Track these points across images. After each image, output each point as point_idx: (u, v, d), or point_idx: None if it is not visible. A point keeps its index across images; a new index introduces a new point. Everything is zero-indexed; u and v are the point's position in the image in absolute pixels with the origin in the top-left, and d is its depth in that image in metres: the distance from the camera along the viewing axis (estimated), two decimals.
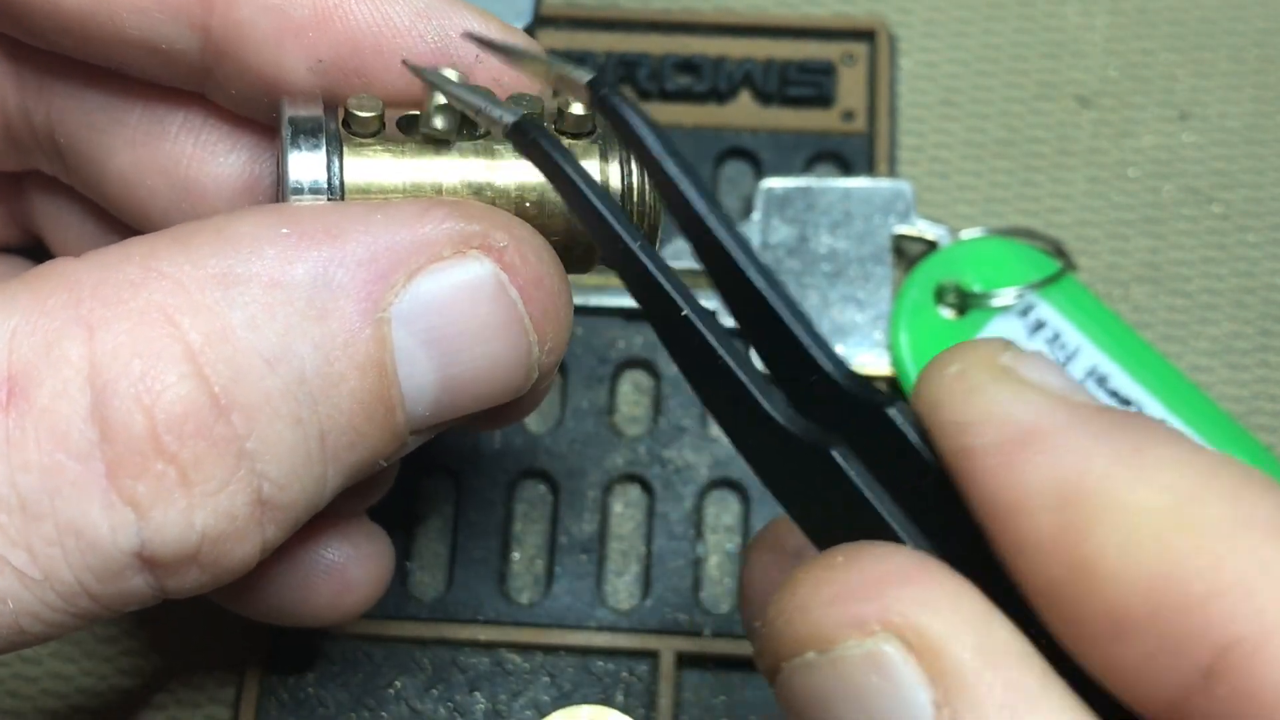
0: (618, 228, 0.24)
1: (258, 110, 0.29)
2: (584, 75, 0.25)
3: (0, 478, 0.23)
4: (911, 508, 0.22)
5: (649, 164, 0.24)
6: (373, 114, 0.27)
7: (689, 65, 0.44)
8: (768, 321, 0.23)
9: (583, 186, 0.24)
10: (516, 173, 0.28)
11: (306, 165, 0.27)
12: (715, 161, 0.43)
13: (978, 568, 0.21)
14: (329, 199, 0.27)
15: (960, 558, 0.21)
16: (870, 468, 0.22)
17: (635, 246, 0.23)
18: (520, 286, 0.26)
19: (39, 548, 0.24)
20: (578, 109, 0.28)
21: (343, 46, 0.27)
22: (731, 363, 0.23)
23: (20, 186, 0.34)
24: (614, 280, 0.41)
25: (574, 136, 0.28)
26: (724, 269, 0.23)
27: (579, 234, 0.28)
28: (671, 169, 0.24)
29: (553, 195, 0.27)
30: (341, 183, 0.27)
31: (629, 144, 0.24)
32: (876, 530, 0.22)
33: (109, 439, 0.24)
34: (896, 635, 0.20)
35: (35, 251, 0.35)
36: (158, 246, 0.25)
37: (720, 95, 0.44)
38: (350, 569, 0.33)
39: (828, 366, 0.23)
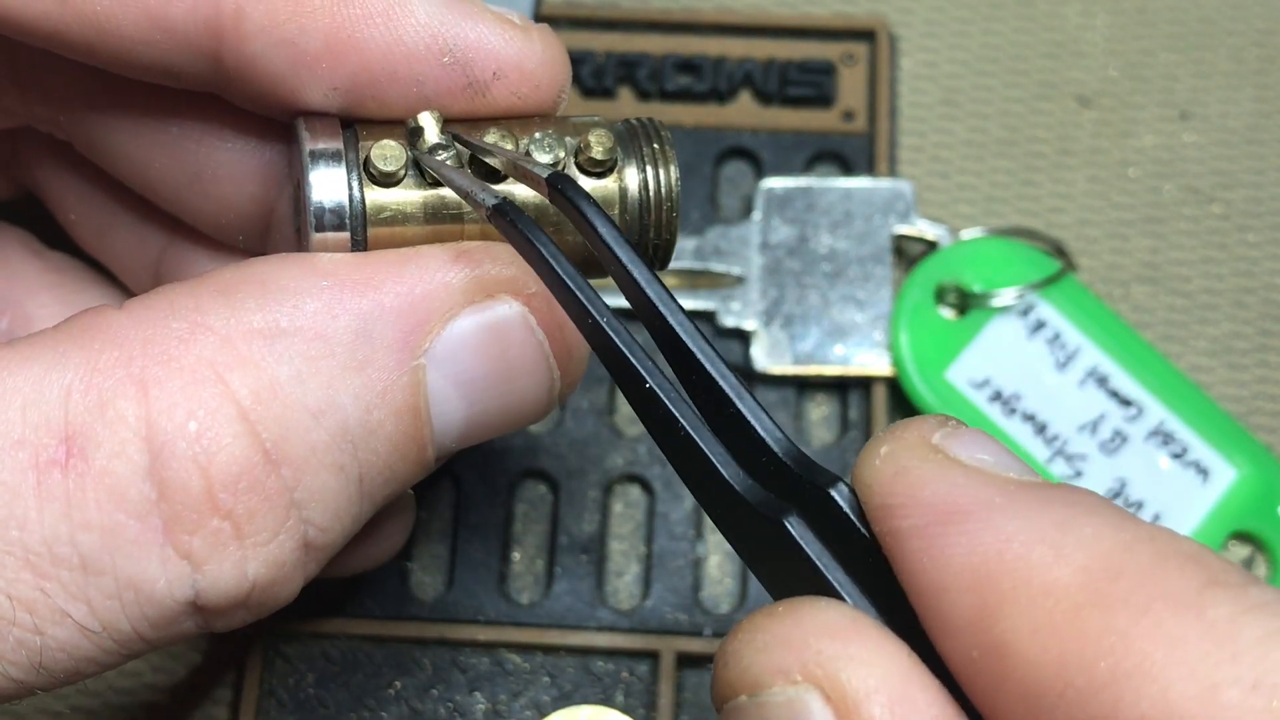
0: (589, 305, 0.24)
1: (270, 113, 0.29)
2: (544, 170, 0.26)
3: (61, 537, 0.24)
4: (860, 576, 0.23)
5: (602, 253, 0.25)
6: (396, 168, 0.27)
7: (689, 65, 0.44)
8: (721, 402, 0.24)
9: (556, 266, 0.25)
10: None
11: (329, 195, 0.27)
12: (715, 161, 0.43)
13: (919, 637, 0.22)
14: (350, 227, 0.27)
15: (904, 626, 0.22)
16: (821, 537, 0.23)
17: (604, 322, 0.24)
18: (547, 328, 0.28)
19: (98, 601, 0.25)
20: (598, 151, 0.28)
21: (358, 75, 0.27)
22: (693, 434, 0.24)
23: (13, 141, 0.34)
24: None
25: (594, 175, 0.28)
26: (678, 353, 0.24)
27: None
28: (625, 257, 0.25)
29: None
30: (364, 215, 0.27)
31: (583, 233, 0.25)
32: (825, 592, 0.23)
33: (166, 498, 0.25)
34: (816, 686, 0.21)
35: (25, 205, 0.35)
36: (202, 299, 0.26)
37: (721, 95, 0.44)
38: (380, 520, 0.33)
39: (777, 449, 0.24)
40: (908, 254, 0.42)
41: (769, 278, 0.41)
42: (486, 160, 0.28)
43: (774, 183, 0.42)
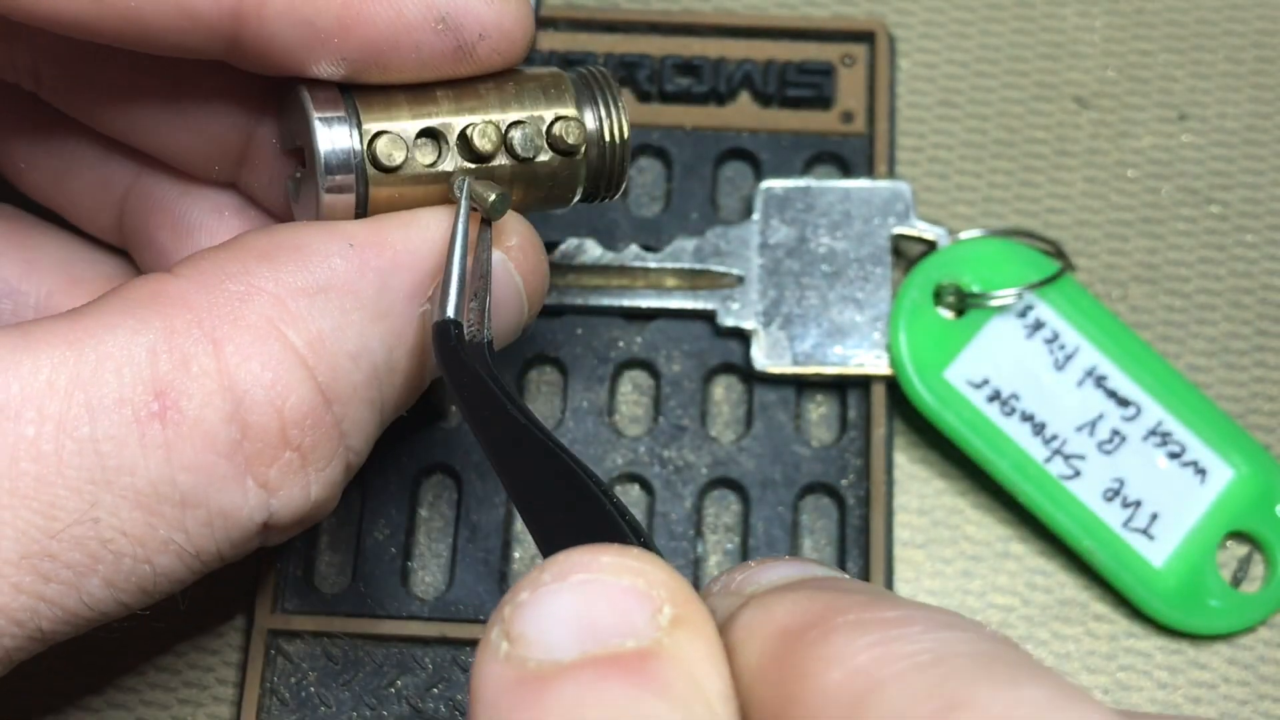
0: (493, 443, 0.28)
1: (273, 76, 0.31)
2: (438, 316, 0.30)
3: (165, 478, 0.28)
4: None
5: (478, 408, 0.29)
6: (399, 161, 0.31)
7: (689, 67, 0.44)
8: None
9: (480, 407, 0.28)
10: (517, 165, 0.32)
11: (338, 162, 0.31)
12: (715, 162, 0.44)
13: None
14: (356, 192, 0.31)
15: None
16: None
17: (499, 465, 0.28)
18: (522, 273, 0.32)
19: (194, 530, 0.29)
20: (572, 140, 0.32)
21: (364, 47, 0.30)
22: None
23: None
24: (614, 280, 0.41)
25: (563, 155, 0.32)
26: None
27: (561, 180, 0.33)
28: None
29: (545, 160, 0.32)
30: (366, 196, 0.31)
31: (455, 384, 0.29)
32: None
33: (249, 437, 0.29)
34: None
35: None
36: (248, 264, 0.29)
37: (720, 97, 0.44)
38: None
39: None
40: (906, 254, 0.43)
41: (768, 278, 0.41)
42: (474, 144, 0.31)
43: (773, 184, 0.42)
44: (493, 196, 0.31)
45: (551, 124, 0.32)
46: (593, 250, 0.41)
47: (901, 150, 0.44)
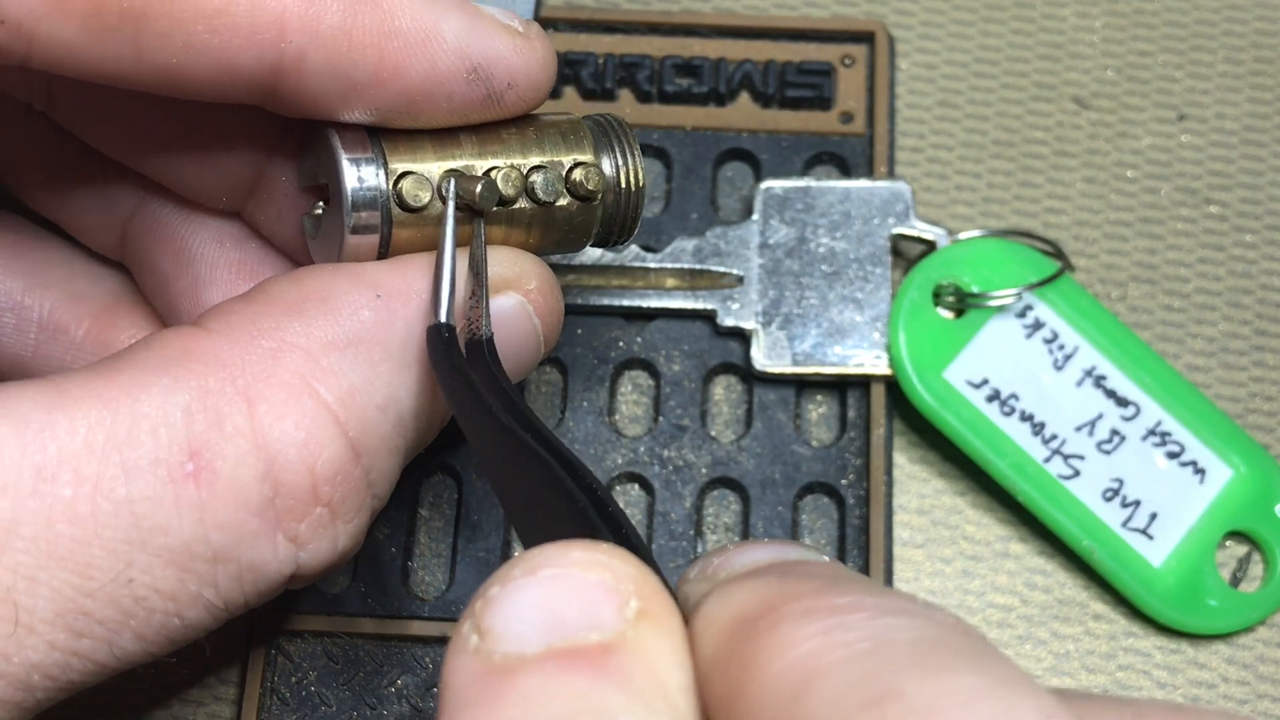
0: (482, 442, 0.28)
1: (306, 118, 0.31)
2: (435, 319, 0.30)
3: (198, 537, 0.28)
4: None
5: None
6: (424, 201, 0.31)
7: (689, 67, 0.44)
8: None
9: (466, 405, 0.28)
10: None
11: (364, 205, 0.31)
12: (715, 163, 0.44)
13: None
14: (380, 233, 0.31)
15: None
16: None
17: (490, 469, 0.28)
18: (541, 315, 0.32)
19: (224, 584, 0.29)
20: (592, 185, 0.32)
21: (398, 98, 0.30)
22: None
23: None
24: (614, 280, 0.42)
25: (581, 200, 0.33)
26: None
27: (578, 225, 0.33)
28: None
29: (563, 205, 0.33)
30: (389, 237, 0.31)
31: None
32: None
33: (281, 495, 0.29)
34: None
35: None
36: (278, 319, 0.29)
37: (720, 97, 0.44)
38: None
39: None
40: (906, 255, 0.43)
41: (768, 278, 0.41)
42: (500, 189, 0.31)
43: (773, 184, 0.42)
44: (479, 187, 0.31)
45: (571, 169, 0.32)
46: (593, 250, 0.41)
47: (901, 151, 0.44)
